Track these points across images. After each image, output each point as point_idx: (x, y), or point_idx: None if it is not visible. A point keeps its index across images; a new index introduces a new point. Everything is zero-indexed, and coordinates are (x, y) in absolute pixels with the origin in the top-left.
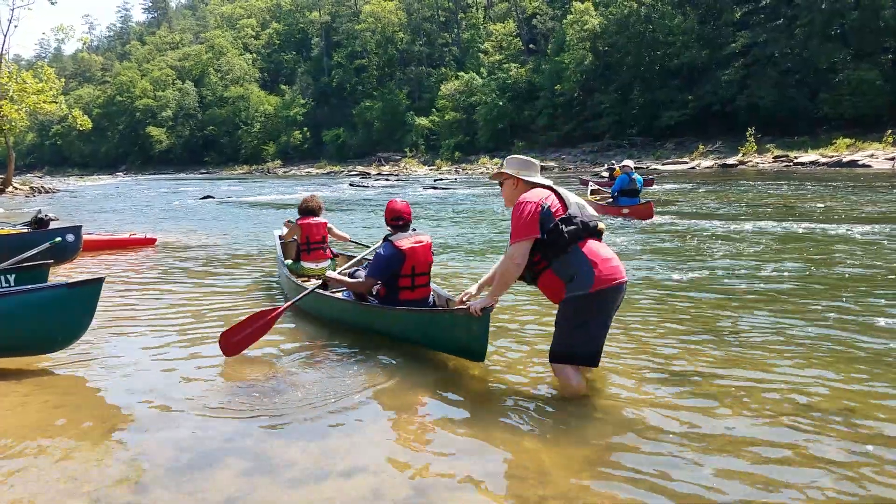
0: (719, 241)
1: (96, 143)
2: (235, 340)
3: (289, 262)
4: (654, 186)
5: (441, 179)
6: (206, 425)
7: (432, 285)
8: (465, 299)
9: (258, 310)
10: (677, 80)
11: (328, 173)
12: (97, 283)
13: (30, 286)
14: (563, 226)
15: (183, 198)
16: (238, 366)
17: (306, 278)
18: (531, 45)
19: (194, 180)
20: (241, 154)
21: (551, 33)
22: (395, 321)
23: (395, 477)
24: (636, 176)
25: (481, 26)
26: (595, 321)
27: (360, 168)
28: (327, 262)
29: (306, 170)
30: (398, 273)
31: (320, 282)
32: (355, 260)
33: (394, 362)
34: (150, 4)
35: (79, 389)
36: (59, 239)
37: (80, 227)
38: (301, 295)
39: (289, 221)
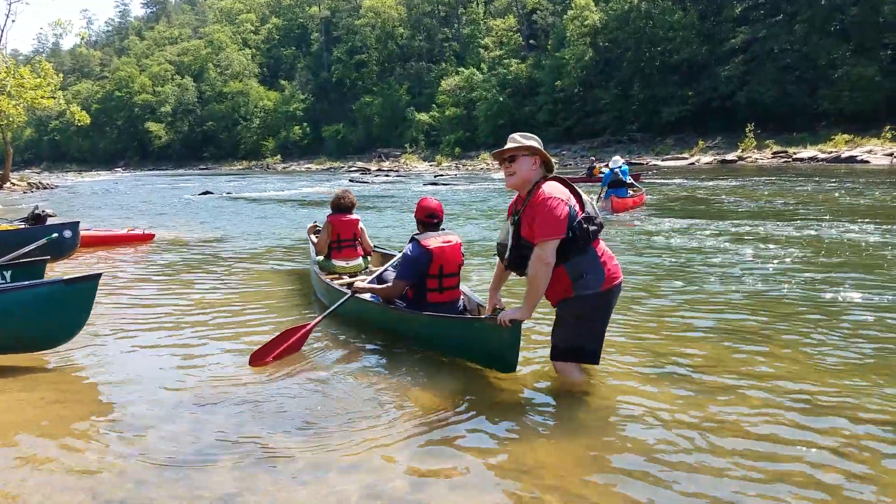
0: (714, 240)
1: (95, 139)
2: (266, 360)
3: (320, 258)
4: (646, 180)
5: (441, 175)
6: (205, 422)
7: (463, 288)
8: (495, 308)
9: (288, 327)
10: (677, 76)
11: (328, 169)
12: (94, 279)
13: (25, 282)
14: (588, 225)
15: (182, 193)
16: (239, 364)
17: (337, 276)
18: (531, 41)
19: (193, 176)
20: (240, 150)
21: (552, 29)
22: (423, 326)
23: (394, 474)
24: (618, 168)
25: (481, 21)
26: (601, 319)
27: (359, 164)
28: (358, 260)
29: (306, 165)
30: (425, 273)
31: (350, 293)
32: (389, 264)
33: (395, 363)
34: None
35: (76, 386)
36: (55, 235)
37: (78, 222)
38: (331, 309)
39: (315, 223)
